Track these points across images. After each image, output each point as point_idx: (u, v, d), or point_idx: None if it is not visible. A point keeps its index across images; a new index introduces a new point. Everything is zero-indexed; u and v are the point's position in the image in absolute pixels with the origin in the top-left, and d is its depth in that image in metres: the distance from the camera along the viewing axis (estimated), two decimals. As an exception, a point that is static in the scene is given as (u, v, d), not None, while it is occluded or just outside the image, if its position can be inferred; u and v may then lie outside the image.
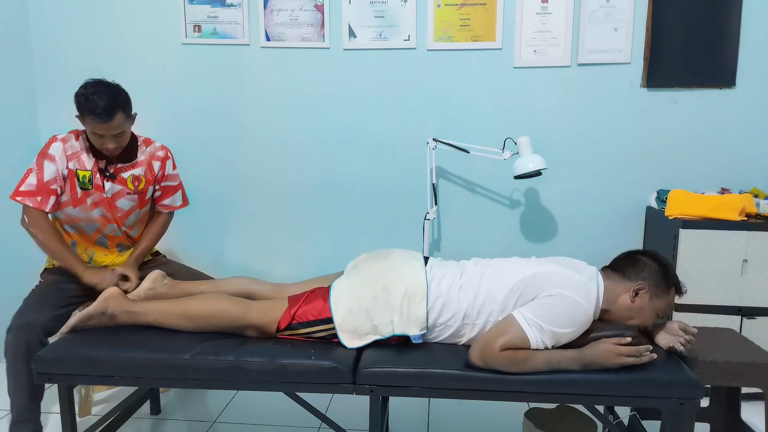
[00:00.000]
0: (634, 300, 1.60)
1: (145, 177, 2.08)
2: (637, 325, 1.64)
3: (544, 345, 1.51)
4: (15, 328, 1.83)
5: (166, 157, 2.15)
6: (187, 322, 1.69)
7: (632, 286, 1.61)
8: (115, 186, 2.01)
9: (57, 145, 1.95)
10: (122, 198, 2.04)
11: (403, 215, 2.88)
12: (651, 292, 1.60)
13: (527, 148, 2.45)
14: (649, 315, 1.63)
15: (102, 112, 1.84)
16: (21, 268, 2.89)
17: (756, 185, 2.70)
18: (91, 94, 1.85)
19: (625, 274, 1.64)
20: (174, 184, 2.20)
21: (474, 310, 1.61)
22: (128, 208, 2.07)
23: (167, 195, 2.19)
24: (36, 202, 1.91)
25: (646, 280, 1.61)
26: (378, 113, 2.83)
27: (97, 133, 1.89)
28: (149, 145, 2.12)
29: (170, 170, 2.17)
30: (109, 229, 2.07)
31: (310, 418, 2.18)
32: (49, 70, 2.93)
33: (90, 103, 1.84)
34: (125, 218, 2.09)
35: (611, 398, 1.56)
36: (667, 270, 1.63)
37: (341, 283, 1.72)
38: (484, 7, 2.70)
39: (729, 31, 2.62)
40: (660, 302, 1.62)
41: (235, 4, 2.80)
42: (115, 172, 2.01)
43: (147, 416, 2.26)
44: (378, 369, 1.56)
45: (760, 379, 1.69)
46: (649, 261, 1.64)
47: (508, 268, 1.66)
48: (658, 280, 1.61)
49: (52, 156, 1.94)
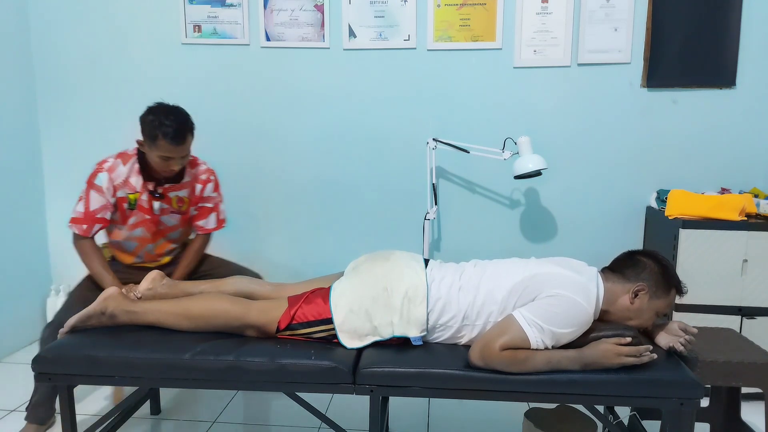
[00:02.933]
0: (634, 301, 1.60)
1: (188, 198, 2.14)
2: (637, 325, 1.64)
3: (545, 345, 1.51)
4: (55, 324, 1.88)
5: (208, 180, 2.17)
6: (186, 322, 1.69)
7: (632, 287, 1.61)
8: (162, 205, 2.08)
9: (103, 176, 2.00)
10: (167, 215, 2.11)
11: (403, 215, 2.88)
12: (651, 293, 1.60)
13: (527, 148, 2.45)
14: (648, 315, 1.62)
15: (176, 136, 1.89)
16: (27, 272, 2.90)
17: (756, 185, 2.70)
18: (164, 119, 1.89)
19: (625, 275, 1.64)
20: (209, 206, 2.20)
21: (473, 311, 1.61)
22: (171, 224, 2.15)
23: (202, 216, 2.20)
24: (81, 229, 2.00)
25: (645, 282, 1.60)
26: (378, 113, 2.83)
27: (166, 156, 1.93)
28: (195, 167, 2.15)
29: (209, 192, 2.18)
30: (146, 249, 2.14)
31: (310, 418, 2.19)
32: (49, 70, 2.93)
33: (164, 127, 1.88)
34: (167, 232, 2.15)
35: (611, 398, 1.56)
36: (667, 271, 1.62)
37: (342, 283, 1.72)
38: (484, 7, 2.71)
39: (729, 31, 2.62)
40: (660, 303, 1.61)
41: (235, 4, 2.80)
42: (163, 192, 2.07)
43: (147, 416, 2.26)
44: (378, 369, 1.55)
45: (760, 379, 1.69)
46: (649, 262, 1.64)
47: (507, 270, 1.66)
48: (658, 281, 1.61)
49: (98, 187, 2.00)
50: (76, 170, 3.00)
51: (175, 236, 2.19)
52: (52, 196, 3.04)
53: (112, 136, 2.95)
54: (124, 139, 2.93)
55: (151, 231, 2.10)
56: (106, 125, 2.94)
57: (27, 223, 2.94)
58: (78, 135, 2.97)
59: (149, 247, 2.15)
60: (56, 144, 2.99)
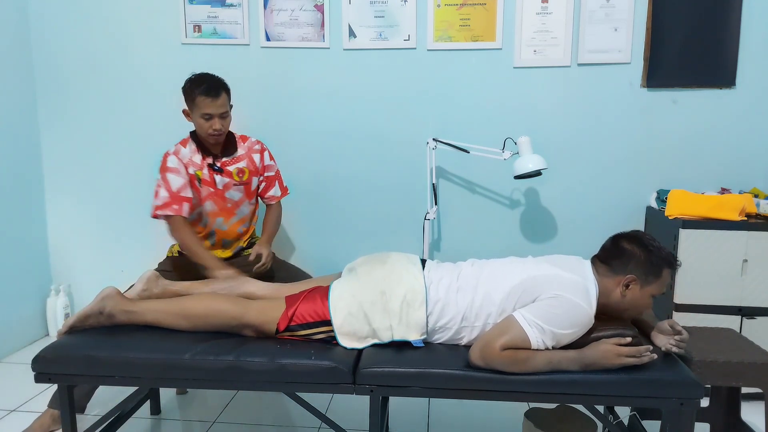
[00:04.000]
0: (626, 293, 1.59)
1: (248, 168, 2.29)
2: (635, 313, 1.63)
3: (545, 345, 1.51)
4: None
5: (263, 149, 2.36)
6: (185, 322, 1.69)
7: (621, 280, 1.58)
8: (224, 179, 2.24)
9: (172, 158, 2.18)
10: (230, 189, 2.26)
11: (403, 215, 2.88)
12: (641, 282, 1.57)
13: (527, 148, 2.45)
14: (644, 302, 1.60)
15: (210, 89, 2.11)
16: (28, 274, 2.90)
17: (756, 185, 2.70)
18: (198, 78, 2.15)
19: (613, 268, 1.60)
20: (272, 174, 2.40)
21: (472, 313, 1.61)
22: (237, 198, 2.29)
23: (269, 186, 2.39)
24: (174, 209, 2.13)
25: (633, 272, 1.57)
26: (378, 113, 2.83)
27: (207, 112, 2.11)
28: (246, 141, 2.34)
29: (268, 160, 2.38)
30: (217, 224, 2.27)
31: (310, 418, 2.18)
32: (49, 70, 2.93)
33: (199, 83, 2.12)
34: (235, 209, 2.29)
35: (611, 398, 1.56)
36: (652, 255, 1.57)
37: (340, 285, 1.72)
38: (484, 7, 2.70)
39: (729, 31, 2.62)
40: (653, 287, 1.59)
41: (235, 4, 2.80)
42: (221, 166, 2.23)
43: (147, 416, 2.26)
44: (378, 369, 1.55)
45: (760, 379, 1.69)
46: (635, 249, 1.59)
47: (505, 271, 1.65)
48: (646, 268, 1.57)
49: (173, 168, 2.17)
50: (76, 170, 3.00)
51: (244, 212, 2.32)
52: (52, 196, 3.04)
53: (112, 136, 2.95)
54: (124, 139, 2.95)
55: (219, 205, 2.24)
56: (106, 125, 2.94)
57: (27, 223, 2.93)
58: (78, 135, 2.97)
59: (219, 222, 2.26)
60: (56, 144, 2.99)
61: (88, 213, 3.02)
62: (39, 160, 3.00)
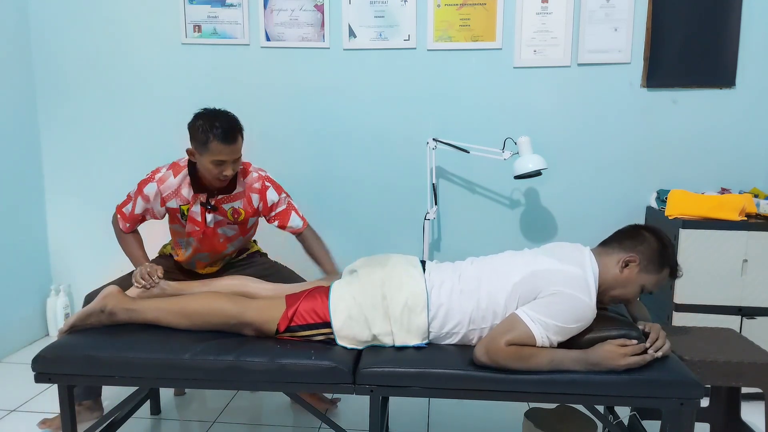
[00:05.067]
0: (623, 270, 1.59)
1: (244, 210, 2.07)
2: (619, 295, 1.62)
3: (549, 341, 1.51)
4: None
5: (264, 188, 2.08)
6: (185, 320, 1.69)
7: (624, 257, 1.60)
8: (216, 217, 2.04)
9: (152, 186, 2.01)
10: (224, 227, 2.08)
11: (403, 215, 2.88)
12: (641, 266, 1.59)
13: (527, 148, 2.45)
14: (633, 289, 1.61)
15: (227, 136, 1.85)
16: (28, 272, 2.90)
17: (756, 185, 2.70)
18: (210, 119, 1.87)
19: (623, 245, 1.63)
20: (283, 209, 2.14)
21: (479, 315, 1.61)
22: (230, 235, 2.12)
23: (285, 220, 2.15)
24: (125, 226, 2.08)
25: (639, 254, 1.59)
26: (378, 113, 2.83)
27: (220, 159, 1.88)
28: (246, 176, 2.07)
29: (274, 198, 2.10)
30: (198, 257, 2.14)
31: (310, 418, 2.19)
32: (49, 70, 2.93)
33: (215, 129, 1.85)
34: (227, 243, 2.13)
35: (611, 398, 1.56)
36: (665, 249, 1.60)
37: (340, 287, 1.71)
38: (484, 7, 2.71)
39: (729, 31, 2.62)
40: (649, 278, 1.60)
41: (235, 4, 2.80)
42: (216, 204, 2.02)
43: (147, 416, 2.26)
44: (378, 369, 1.55)
45: (760, 379, 1.69)
46: (650, 237, 1.62)
47: (505, 268, 1.65)
48: (653, 256, 1.59)
49: (146, 196, 2.03)
50: (76, 170, 3.00)
51: (235, 246, 2.18)
52: (52, 196, 3.04)
53: (112, 136, 2.95)
54: (124, 139, 2.94)
55: (203, 243, 2.07)
56: (106, 125, 2.94)
57: (27, 223, 2.94)
58: (78, 135, 2.97)
59: (201, 256, 2.14)
60: (56, 144, 2.99)
61: (88, 213, 3.02)
62: (39, 160, 3.00)
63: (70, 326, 1.73)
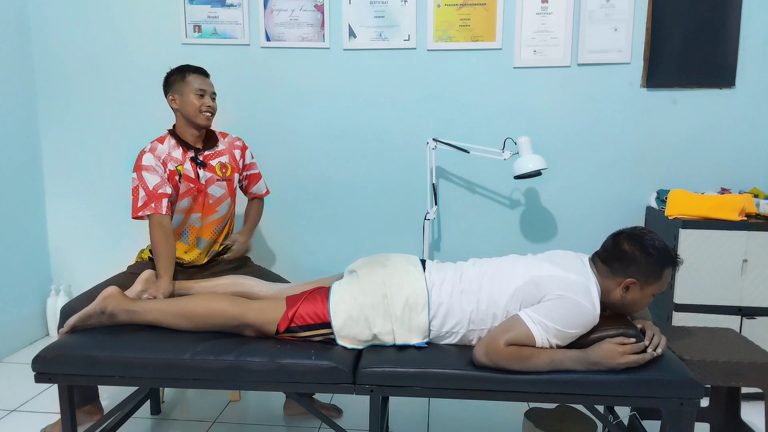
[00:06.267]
0: (625, 296, 1.59)
1: (230, 164, 2.25)
2: (633, 312, 1.63)
3: (549, 343, 1.51)
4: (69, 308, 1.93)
5: (244, 147, 2.33)
6: (185, 321, 1.69)
7: (621, 282, 1.58)
8: (206, 173, 2.17)
9: (147, 156, 2.09)
10: (213, 185, 2.19)
11: (403, 215, 2.88)
12: (641, 284, 1.57)
13: (527, 148, 2.45)
14: (643, 302, 1.61)
15: (201, 69, 2.15)
16: (29, 276, 2.90)
17: (756, 185, 2.70)
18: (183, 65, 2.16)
19: (613, 270, 1.60)
20: (256, 172, 2.39)
21: (478, 316, 1.61)
22: (219, 195, 2.21)
23: (253, 182, 2.39)
24: (152, 209, 2.04)
25: (633, 275, 1.57)
26: (378, 113, 2.83)
27: (201, 88, 2.11)
28: (226, 137, 2.29)
29: (249, 159, 2.35)
30: (191, 220, 2.18)
31: (310, 418, 2.19)
32: (49, 70, 2.93)
33: (188, 67, 2.15)
34: (216, 206, 2.21)
35: (611, 398, 1.56)
36: (652, 257, 1.56)
37: (341, 287, 1.71)
38: (484, 7, 2.71)
39: (729, 31, 2.62)
40: (654, 288, 1.58)
41: (235, 4, 2.80)
42: (204, 160, 2.17)
43: (147, 416, 2.26)
44: (378, 369, 1.55)
45: (760, 379, 1.69)
46: (635, 253, 1.57)
47: (507, 271, 1.65)
48: (647, 270, 1.56)
49: (148, 166, 2.07)
50: (76, 170, 3.00)
51: (223, 211, 2.24)
52: (52, 196, 3.04)
53: (112, 136, 2.95)
54: (124, 139, 2.94)
55: (198, 202, 2.17)
56: (106, 125, 2.95)
57: (27, 223, 2.93)
58: (78, 135, 2.97)
59: (194, 218, 2.17)
60: (56, 144, 2.99)
61: (88, 213, 3.02)
62: (39, 160, 3.00)
63: (71, 327, 1.73)
